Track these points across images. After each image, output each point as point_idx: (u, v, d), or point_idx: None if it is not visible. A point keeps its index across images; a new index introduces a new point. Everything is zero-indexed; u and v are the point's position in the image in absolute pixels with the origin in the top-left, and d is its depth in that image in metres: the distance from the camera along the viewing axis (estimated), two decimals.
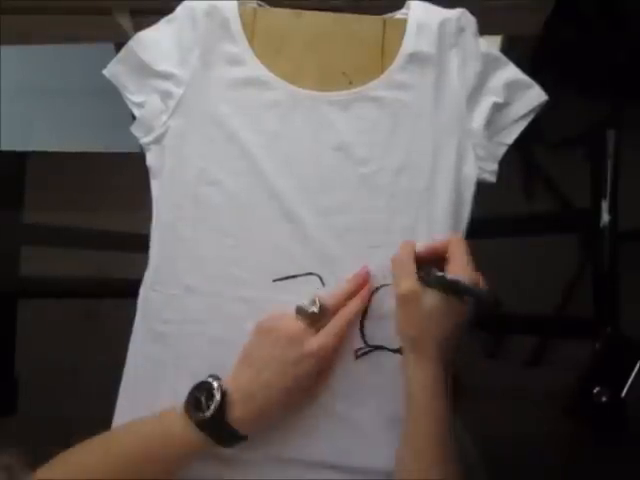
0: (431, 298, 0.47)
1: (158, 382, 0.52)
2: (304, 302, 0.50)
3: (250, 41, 0.57)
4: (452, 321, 0.48)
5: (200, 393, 0.46)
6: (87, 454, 0.47)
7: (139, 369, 0.54)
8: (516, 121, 0.58)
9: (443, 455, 0.46)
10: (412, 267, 0.49)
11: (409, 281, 0.48)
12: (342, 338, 0.50)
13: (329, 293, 0.52)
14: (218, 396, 0.46)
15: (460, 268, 0.48)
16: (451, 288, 0.47)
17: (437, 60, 0.56)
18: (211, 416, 0.45)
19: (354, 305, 0.52)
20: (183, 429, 0.46)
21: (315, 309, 0.49)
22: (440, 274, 0.47)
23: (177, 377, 0.52)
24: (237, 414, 0.46)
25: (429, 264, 0.50)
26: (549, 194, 0.75)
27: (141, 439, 0.47)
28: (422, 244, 0.52)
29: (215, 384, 0.47)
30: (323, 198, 0.55)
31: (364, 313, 0.53)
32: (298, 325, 0.49)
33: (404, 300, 0.48)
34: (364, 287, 0.52)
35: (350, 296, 0.52)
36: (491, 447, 0.60)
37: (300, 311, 0.49)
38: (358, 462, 0.52)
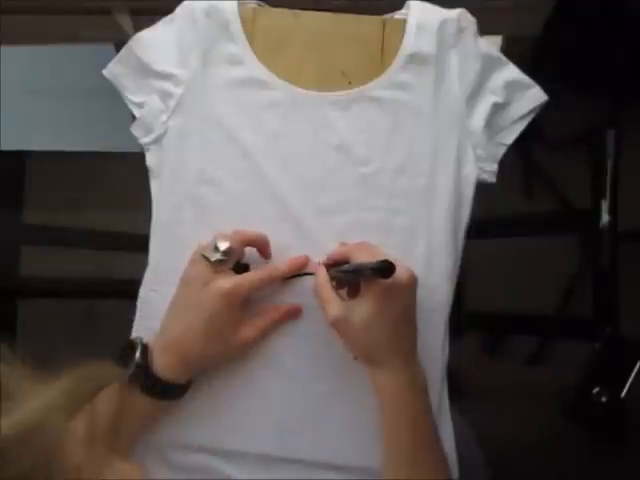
0: (360, 311, 0.46)
1: None
2: (208, 249, 0.49)
3: (250, 41, 0.57)
4: (392, 317, 0.46)
5: (125, 352, 0.48)
6: None
7: None
8: (516, 121, 0.58)
9: (416, 457, 0.47)
10: (329, 291, 0.47)
11: (333, 306, 0.46)
12: (258, 284, 0.50)
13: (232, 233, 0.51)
14: (138, 350, 0.47)
15: (362, 256, 0.47)
16: (353, 273, 0.46)
17: (437, 60, 0.56)
18: (135, 368, 0.47)
19: (283, 267, 0.52)
20: (118, 386, 0.47)
21: (218, 255, 0.49)
22: (344, 268, 0.47)
23: None
24: (161, 363, 0.48)
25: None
26: (549, 194, 0.75)
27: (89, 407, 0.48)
28: (329, 258, 0.51)
29: (136, 339, 0.48)
30: (323, 198, 0.55)
31: None
32: (207, 268, 0.49)
33: (338, 327, 0.47)
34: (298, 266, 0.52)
35: (251, 239, 0.52)
36: (491, 447, 0.60)
37: (207, 258, 0.49)
38: (358, 462, 0.52)
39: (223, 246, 0.49)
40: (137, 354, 0.47)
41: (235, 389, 0.53)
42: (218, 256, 0.49)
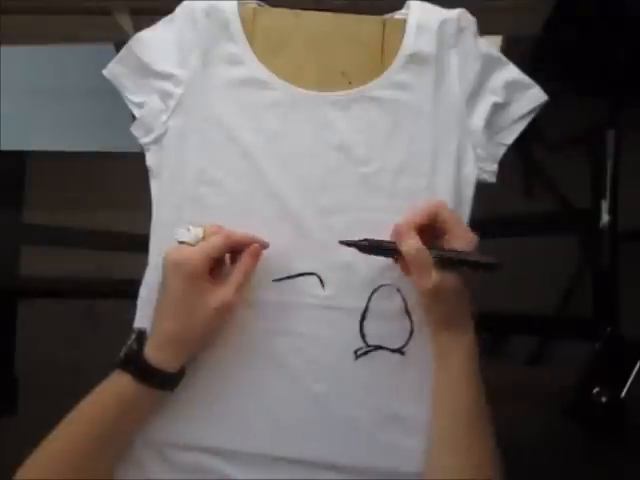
0: (452, 280, 0.49)
1: None
2: (179, 231, 0.50)
3: (250, 41, 0.57)
4: (469, 286, 0.50)
5: (127, 342, 0.49)
6: (53, 432, 0.48)
7: None
8: (516, 121, 0.58)
9: (480, 414, 0.49)
10: (428, 259, 0.48)
11: (431, 276, 0.48)
12: (212, 249, 0.49)
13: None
14: (133, 336, 0.49)
15: (460, 237, 0.49)
16: (461, 264, 0.49)
17: (437, 60, 0.56)
18: (126, 355, 0.48)
19: (237, 232, 0.52)
20: (114, 375, 0.48)
21: (199, 235, 0.50)
22: (448, 255, 0.49)
23: None
24: (151, 349, 0.48)
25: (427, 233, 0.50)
26: (549, 194, 0.75)
27: (89, 398, 0.49)
28: (411, 219, 0.51)
29: (135, 329, 0.50)
30: (323, 198, 0.55)
31: (364, 313, 0.53)
32: (180, 250, 0.49)
33: (432, 294, 0.49)
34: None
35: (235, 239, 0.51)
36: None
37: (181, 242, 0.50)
38: (358, 462, 0.52)
39: (195, 231, 0.50)
40: (131, 339, 0.49)
41: (235, 389, 0.53)
42: (185, 238, 0.50)
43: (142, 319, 0.55)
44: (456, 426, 0.49)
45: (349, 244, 0.51)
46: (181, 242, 0.50)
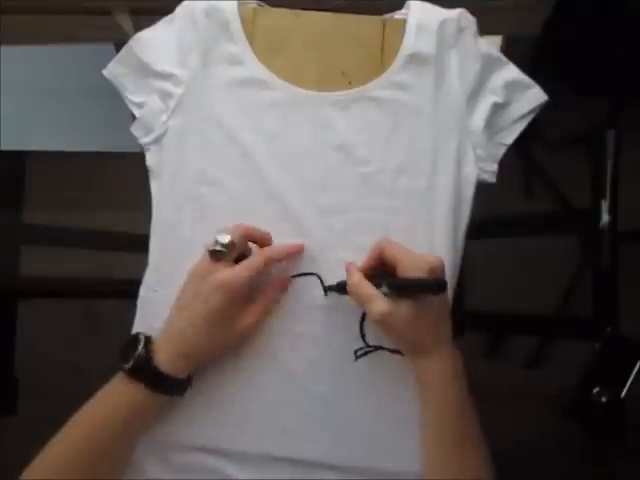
0: (405, 307, 0.46)
1: None
2: (210, 243, 0.50)
3: (250, 41, 0.57)
4: (433, 309, 0.48)
5: (126, 346, 0.49)
6: (59, 435, 0.48)
7: None
8: (516, 121, 0.58)
9: (464, 439, 0.48)
10: (371, 288, 0.48)
11: (377, 303, 0.47)
12: (256, 272, 0.50)
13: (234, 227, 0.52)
14: (141, 343, 0.48)
15: (411, 266, 0.47)
16: (400, 290, 0.47)
17: (437, 60, 0.56)
18: (135, 363, 0.47)
19: (280, 248, 0.52)
20: (120, 382, 0.48)
21: (224, 240, 0.49)
22: (392, 284, 0.47)
23: None
24: (163, 356, 0.48)
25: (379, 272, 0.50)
26: (549, 194, 0.75)
27: (95, 402, 0.49)
28: (363, 264, 0.52)
29: (140, 335, 0.49)
30: (323, 198, 0.55)
31: (364, 314, 0.53)
32: (207, 262, 0.50)
33: (382, 321, 0.47)
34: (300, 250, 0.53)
35: (254, 235, 0.52)
36: (490, 447, 0.60)
37: (209, 251, 0.50)
38: (358, 462, 0.52)
39: (224, 239, 0.49)
40: (140, 346, 0.48)
41: (236, 390, 0.53)
42: (218, 248, 0.49)
43: (142, 319, 0.55)
44: (443, 448, 0.48)
45: (330, 289, 0.52)
46: (213, 251, 0.49)
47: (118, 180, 0.73)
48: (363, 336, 0.53)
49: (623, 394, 0.63)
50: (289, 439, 0.52)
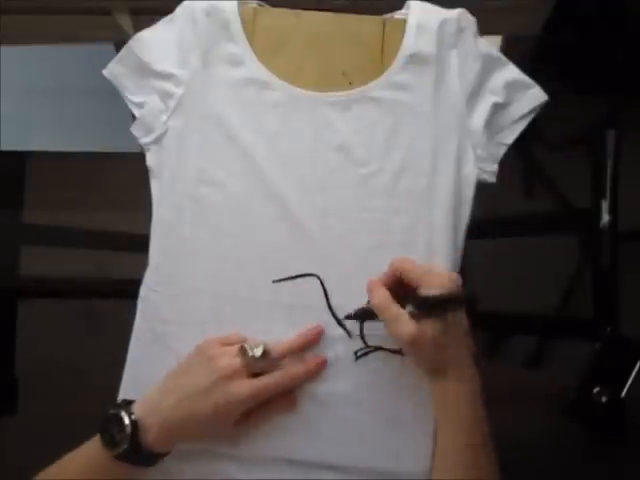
0: (432, 329, 0.46)
1: (157, 381, 0.51)
2: (250, 344, 0.49)
3: (250, 41, 0.57)
4: (458, 331, 0.47)
5: (112, 427, 0.46)
6: None
7: (139, 369, 0.54)
8: (516, 121, 0.58)
9: (476, 460, 0.47)
10: (397, 308, 0.47)
11: (405, 325, 0.46)
12: (275, 393, 0.50)
13: (277, 343, 0.51)
14: (128, 430, 0.46)
15: (433, 283, 0.47)
16: (434, 308, 0.46)
17: (437, 60, 0.56)
18: (125, 450, 0.46)
19: (301, 369, 0.51)
20: (107, 460, 0.46)
21: (258, 353, 0.49)
22: (417, 300, 0.46)
23: None
24: (152, 437, 0.46)
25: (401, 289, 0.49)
26: (549, 194, 0.75)
27: (73, 463, 0.48)
28: (383, 279, 0.51)
29: (124, 415, 0.46)
30: (323, 198, 0.55)
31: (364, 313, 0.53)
32: (235, 364, 0.48)
33: (409, 343, 0.46)
34: (315, 342, 0.52)
35: (297, 349, 0.52)
36: None
37: (243, 350, 0.49)
38: (358, 463, 0.52)
39: (259, 351, 0.49)
40: (128, 432, 0.46)
41: None
42: (256, 353, 0.48)
43: (142, 319, 0.55)
44: (454, 468, 0.48)
45: (348, 318, 0.51)
46: (242, 352, 0.49)
47: (118, 180, 0.73)
48: (363, 336, 0.53)
49: (623, 394, 0.63)
50: (289, 439, 0.52)
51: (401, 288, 0.49)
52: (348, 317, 0.51)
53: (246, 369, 0.48)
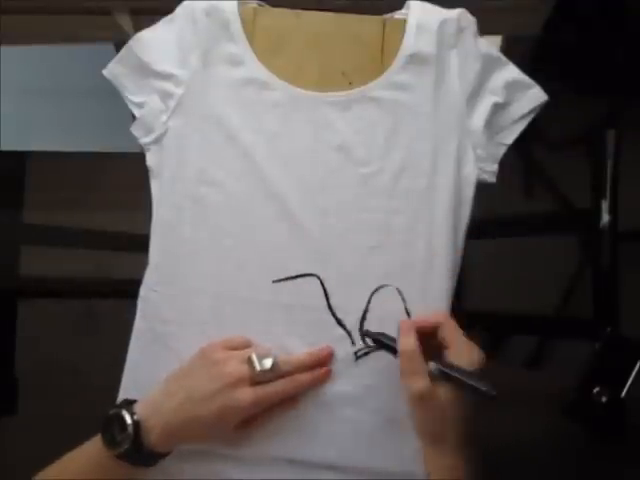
0: (446, 393, 0.45)
1: (158, 382, 0.51)
2: (258, 355, 0.49)
3: (250, 41, 0.57)
4: (466, 408, 0.46)
5: (114, 427, 0.46)
6: None
7: (139, 369, 0.54)
8: (516, 121, 0.58)
9: None
10: (421, 363, 0.46)
11: (422, 380, 0.45)
12: (278, 399, 0.50)
13: (287, 357, 0.51)
14: (130, 429, 0.46)
15: (461, 355, 0.46)
16: (457, 384, 0.45)
17: (437, 60, 0.56)
18: (127, 449, 0.45)
19: (306, 378, 0.51)
20: (108, 459, 0.46)
21: (267, 365, 0.48)
22: (445, 370, 0.46)
23: None
24: (154, 438, 0.46)
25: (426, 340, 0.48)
26: (549, 194, 0.75)
27: (73, 464, 0.48)
28: (415, 324, 0.49)
29: (126, 415, 0.46)
30: (323, 198, 0.55)
31: (364, 314, 0.53)
32: (242, 371, 0.48)
33: (420, 400, 0.46)
34: (324, 365, 0.52)
35: (305, 369, 0.51)
36: (490, 447, 0.60)
37: (250, 360, 0.49)
38: (358, 462, 0.52)
39: (268, 363, 0.48)
40: (130, 432, 0.46)
41: None
42: (265, 365, 0.48)
43: (142, 319, 0.55)
44: None
45: (365, 334, 0.52)
46: (250, 362, 0.48)
47: (118, 180, 0.73)
48: (363, 336, 0.53)
49: (623, 394, 0.63)
50: (289, 439, 0.52)
51: (432, 337, 0.49)
52: (365, 333, 0.52)
53: (251, 378, 0.48)
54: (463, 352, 0.46)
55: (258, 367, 0.48)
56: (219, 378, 0.48)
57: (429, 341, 0.48)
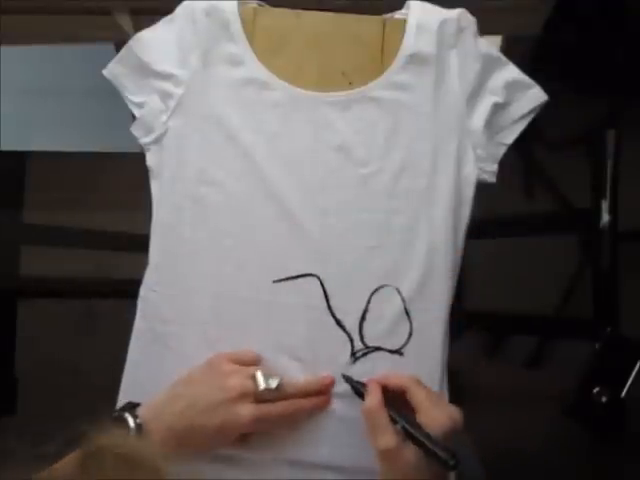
0: (410, 452, 0.44)
1: (158, 382, 0.51)
2: (265, 374, 0.49)
3: (250, 41, 0.57)
4: (435, 470, 0.45)
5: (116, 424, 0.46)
6: None
7: (139, 369, 0.54)
8: (516, 121, 0.58)
9: None
10: (385, 419, 0.46)
11: (386, 437, 0.45)
12: (277, 423, 0.50)
13: (291, 381, 0.51)
14: (133, 433, 0.45)
15: (427, 420, 0.45)
16: (419, 446, 0.44)
17: (437, 60, 0.56)
18: None
19: (307, 404, 0.51)
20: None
21: (272, 385, 0.48)
22: (408, 429, 0.45)
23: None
24: (154, 442, 0.46)
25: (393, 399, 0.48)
26: (549, 194, 0.75)
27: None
28: (381, 383, 0.49)
29: (129, 418, 0.46)
30: (323, 198, 0.55)
31: (363, 314, 0.53)
32: (246, 386, 0.48)
33: (384, 456, 0.45)
34: (325, 393, 0.52)
35: (307, 394, 0.51)
36: (490, 447, 0.60)
37: (256, 377, 0.49)
38: (358, 462, 0.52)
39: (274, 383, 0.49)
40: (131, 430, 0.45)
41: None
42: (271, 385, 0.48)
43: (142, 319, 0.55)
44: None
45: (347, 380, 0.52)
46: (256, 379, 0.48)
47: (118, 180, 0.73)
48: (362, 337, 0.53)
49: (623, 394, 0.63)
50: (289, 440, 0.52)
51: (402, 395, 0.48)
52: (347, 379, 0.52)
53: (255, 395, 0.48)
54: (430, 417, 0.45)
55: (263, 385, 0.48)
56: (223, 390, 0.48)
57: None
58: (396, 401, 0.48)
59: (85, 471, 0.35)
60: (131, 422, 0.46)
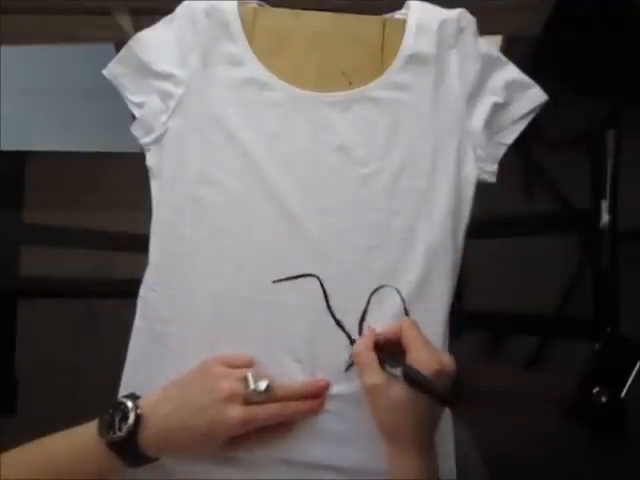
0: (398, 389, 0.46)
1: (158, 382, 0.51)
2: (255, 376, 0.49)
3: (250, 41, 0.57)
4: (425, 408, 0.46)
5: (115, 413, 0.46)
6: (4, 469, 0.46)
7: (139, 369, 0.54)
8: (516, 121, 0.58)
9: None
10: (372, 358, 0.47)
11: (372, 374, 0.47)
12: (267, 423, 0.49)
13: (283, 384, 0.51)
14: (132, 419, 0.46)
15: (418, 358, 0.46)
16: (411, 382, 0.45)
17: (437, 60, 0.56)
18: (122, 437, 0.45)
19: (298, 407, 0.51)
20: (94, 446, 0.46)
21: (261, 387, 0.48)
22: (398, 369, 0.46)
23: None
24: (147, 438, 0.46)
25: (391, 349, 0.49)
26: (549, 194, 0.75)
27: (52, 454, 0.47)
28: (379, 332, 0.51)
29: (130, 406, 0.47)
30: (323, 198, 0.55)
31: (363, 314, 0.53)
32: (235, 388, 0.48)
33: (371, 393, 0.47)
34: (318, 396, 0.52)
35: (300, 397, 0.51)
36: (491, 447, 0.60)
37: (246, 379, 0.49)
38: (356, 462, 0.52)
39: (263, 385, 0.49)
40: (130, 423, 0.46)
41: None
42: (259, 387, 0.48)
43: (142, 319, 0.55)
44: None
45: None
46: (245, 381, 0.48)
47: (118, 180, 0.73)
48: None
49: (623, 394, 0.63)
50: (288, 440, 0.52)
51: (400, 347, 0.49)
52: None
53: (244, 397, 0.48)
54: (421, 355, 0.46)
55: (252, 386, 0.48)
56: (212, 392, 0.48)
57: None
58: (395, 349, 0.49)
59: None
60: (132, 410, 0.46)
